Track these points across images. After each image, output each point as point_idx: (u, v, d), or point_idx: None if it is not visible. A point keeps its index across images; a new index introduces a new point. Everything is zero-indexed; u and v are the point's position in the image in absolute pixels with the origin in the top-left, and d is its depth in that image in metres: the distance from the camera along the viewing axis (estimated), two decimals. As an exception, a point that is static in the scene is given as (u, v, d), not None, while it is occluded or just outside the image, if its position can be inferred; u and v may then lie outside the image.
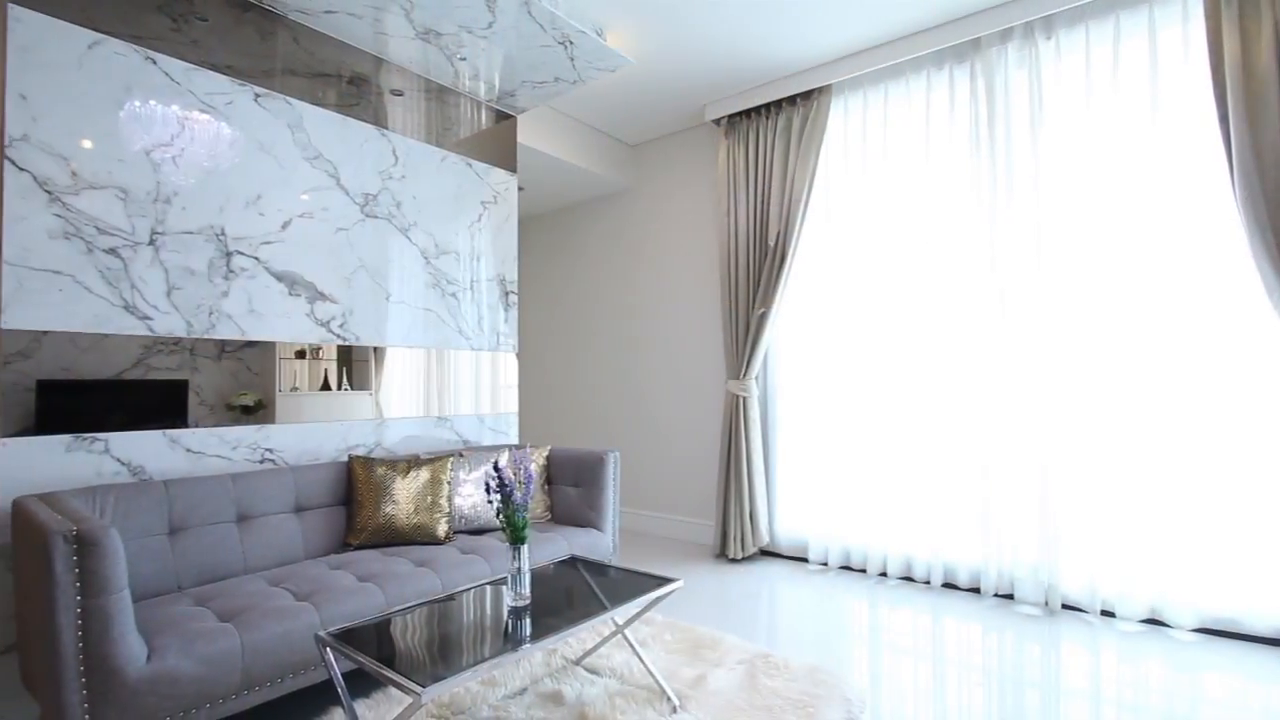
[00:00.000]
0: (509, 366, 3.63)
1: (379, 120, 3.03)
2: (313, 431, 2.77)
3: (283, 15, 2.69)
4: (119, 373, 2.25)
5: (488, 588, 2.07)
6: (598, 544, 2.94)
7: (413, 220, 3.14)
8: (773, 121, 3.81)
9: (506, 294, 3.62)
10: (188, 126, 2.41)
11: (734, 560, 3.79)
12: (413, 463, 2.71)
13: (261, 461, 2.61)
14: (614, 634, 2.26)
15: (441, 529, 2.66)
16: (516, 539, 1.81)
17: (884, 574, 3.47)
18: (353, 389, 2.92)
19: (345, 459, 2.82)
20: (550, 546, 2.72)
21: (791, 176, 3.67)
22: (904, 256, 3.43)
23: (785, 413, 3.89)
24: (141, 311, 2.29)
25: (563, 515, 3.08)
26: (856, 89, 3.60)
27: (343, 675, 1.68)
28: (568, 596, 2.04)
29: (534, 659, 2.37)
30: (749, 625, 2.83)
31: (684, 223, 4.47)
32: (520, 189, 4.72)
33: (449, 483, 2.74)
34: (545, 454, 3.17)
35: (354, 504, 2.63)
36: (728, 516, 3.82)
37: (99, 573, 1.54)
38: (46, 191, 2.10)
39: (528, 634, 1.73)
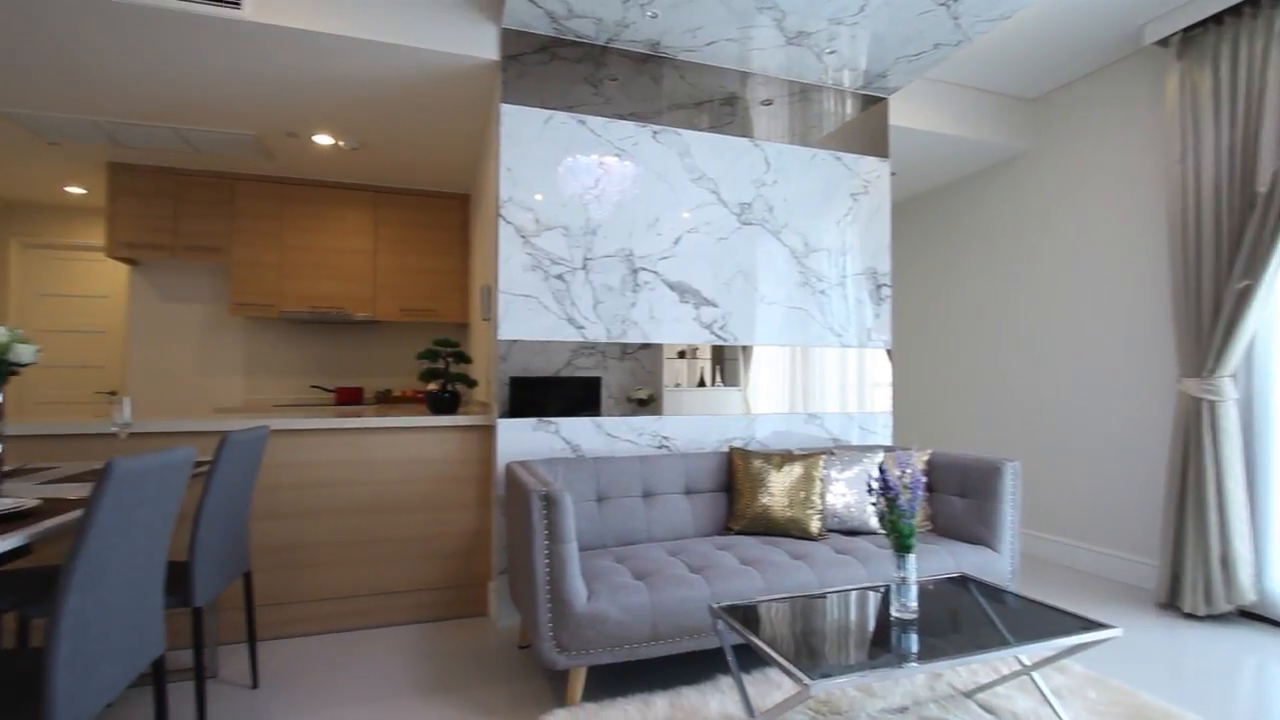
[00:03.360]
0: (880, 363, 3.46)
1: (750, 132, 3.21)
2: (697, 423, 3.10)
3: (672, 58, 3.07)
4: (556, 371, 2.89)
5: (867, 593, 2.00)
6: (991, 565, 2.57)
7: (784, 222, 3.25)
8: (1262, 21, 2.76)
9: (878, 287, 3.45)
10: (605, 169, 2.95)
11: (1191, 616, 2.89)
12: (786, 457, 2.80)
13: (659, 447, 3.03)
14: (1017, 674, 1.94)
15: (814, 525, 2.68)
16: (902, 547, 1.70)
17: None
18: (724, 385, 3.17)
19: (724, 449, 3.08)
20: (933, 559, 2.49)
21: (1298, 93, 2.60)
22: None
23: (1287, 426, 2.78)
24: (577, 322, 2.90)
25: (945, 527, 2.79)
26: None
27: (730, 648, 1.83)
28: (956, 618, 1.83)
29: (916, 679, 2.21)
30: (1223, 709, 2.11)
31: (1107, 181, 3.59)
32: (892, 174, 4.45)
33: (821, 480, 2.74)
34: (925, 458, 2.91)
35: (733, 491, 2.84)
36: (1181, 557, 2.92)
37: (559, 525, 2.00)
38: (521, 237, 2.82)
39: (914, 650, 1.61)
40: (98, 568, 1.25)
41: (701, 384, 3.14)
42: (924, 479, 1.77)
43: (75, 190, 4.84)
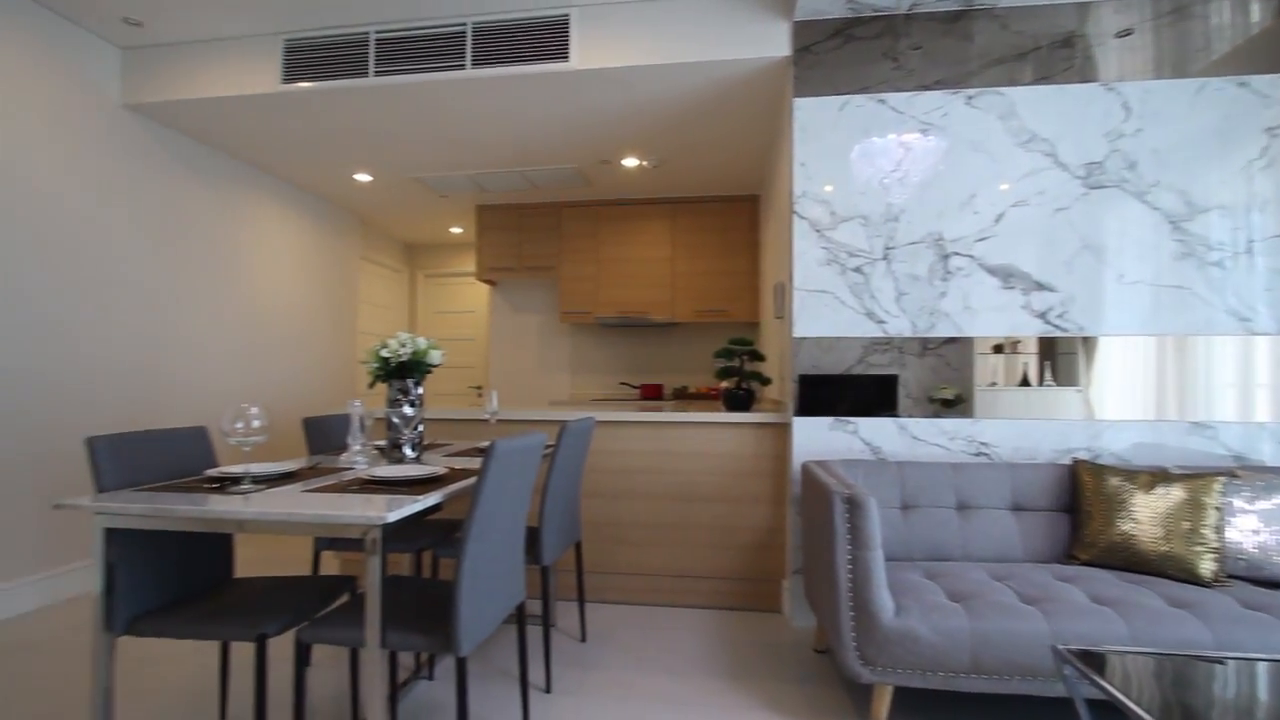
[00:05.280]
0: (1318, 357, 2.52)
1: (1098, 75, 2.63)
2: (1025, 429, 2.64)
3: (990, 7, 2.68)
4: (847, 368, 2.74)
5: (1304, 670, 1.47)
6: None
7: (1152, 180, 2.58)
8: None
9: (1312, 253, 2.52)
10: (908, 149, 2.71)
11: None
12: (1159, 476, 2.22)
13: (976, 455, 2.67)
14: None
15: (1205, 566, 2.07)
16: (1375, 617, 1.21)
17: None
18: (1057, 384, 2.64)
19: (1065, 461, 2.57)
20: None
21: None
22: None
23: None
24: (877, 317, 2.71)
25: None
26: None
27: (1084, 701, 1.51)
28: None
29: (1400, 806, 1.55)
30: None
31: None
32: (1331, 96, 3.22)
33: (1217, 509, 2.11)
34: None
35: (1080, 513, 2.36)
36: None
37: (864, 530, 1.90)
38: (816, 231, 2.75)
39: (1402, 768, 1.13)
40: (485, 525, 1.57)
41: (1025, 383, 2.68)
42: None
43: (455, 230, 6.24)
